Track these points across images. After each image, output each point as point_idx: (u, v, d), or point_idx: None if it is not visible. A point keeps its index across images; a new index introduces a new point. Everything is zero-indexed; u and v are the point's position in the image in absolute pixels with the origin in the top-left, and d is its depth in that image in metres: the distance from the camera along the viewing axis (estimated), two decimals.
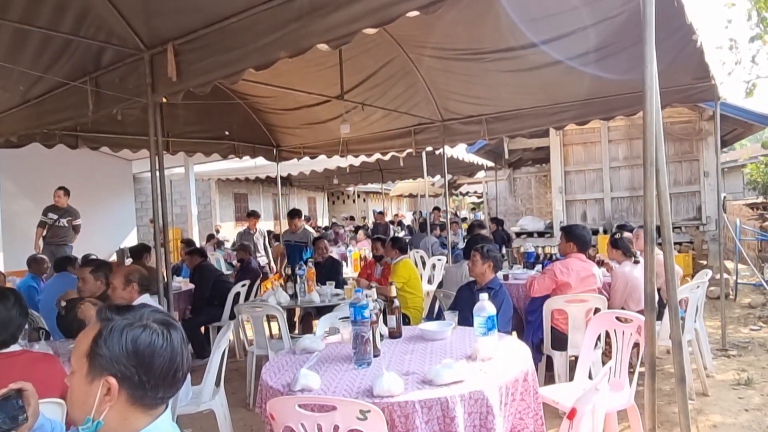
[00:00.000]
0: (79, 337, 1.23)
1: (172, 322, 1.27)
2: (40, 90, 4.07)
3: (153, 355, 1.19)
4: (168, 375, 1.21)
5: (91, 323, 1.25)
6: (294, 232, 7.55)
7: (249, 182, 15.29)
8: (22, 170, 8.66)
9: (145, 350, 1.18)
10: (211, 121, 6.66)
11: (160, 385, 1.20)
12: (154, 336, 1.20)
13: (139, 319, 1.21)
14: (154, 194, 3.60)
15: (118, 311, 1.24)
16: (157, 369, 1.19)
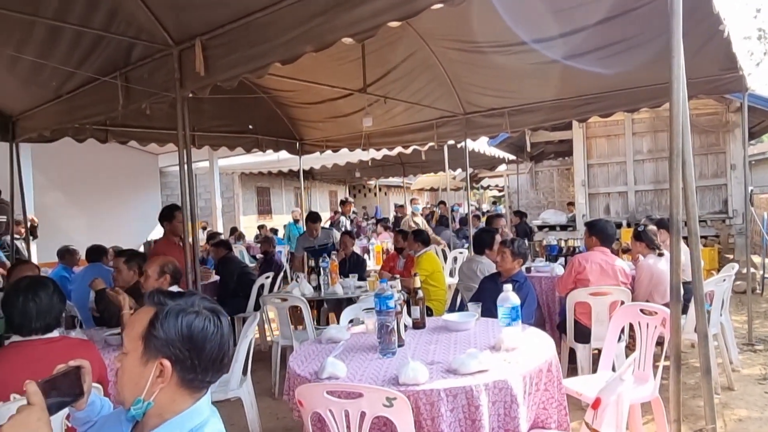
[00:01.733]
0: (132, 320, 1.27)
1: (220, 310, 1.32)
2: (73, 85, 4.19)
3: (205, 340, 1.24)
4: (216, 360, 1.26)
5: (143, 307, 1.29)
6: (315, 237, 6.73)
7: (271, 176, 15.43)
8: (53, 164, 8.88)
9: (198, 335, 1.23)
10: (235, 116, 6.74)
11: (209, 369, 1.25)
12: (206, 322, 1.25)
13: (191, 305, 1.26)
14: (182, 187, 3.69)
15: (171, 296, 1.28)
16: (207, 354, 1.24)
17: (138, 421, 1.28)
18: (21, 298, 2.26)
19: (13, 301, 2.26)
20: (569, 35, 4.27)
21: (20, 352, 2.25)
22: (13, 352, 2.26)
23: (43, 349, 2.26)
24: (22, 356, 2.23)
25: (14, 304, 2.26)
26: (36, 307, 2.26)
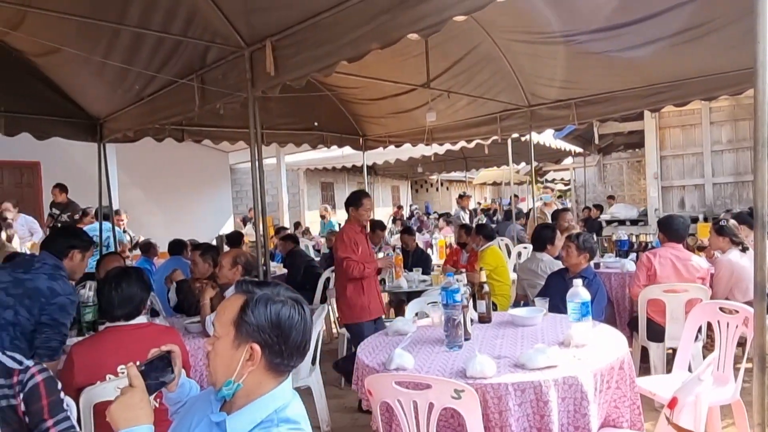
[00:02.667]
0: (223, 307, 1.36)
1: (303, 300, 1.40)
2: (153, 88, 4.45)
3: (291, 327, 1.32)
4: (300, 346, 1.35)
5: (233, 295, 1.38)
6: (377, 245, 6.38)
7: (335, 171, 15.72)
8: (134, 163, 9.47)
9: (285, 322, 1.32)
10: (301, 113, 6.92)
11: (294, 354, 1.34)
12: (292, 311, 1.34)
13: (277, 294, 1.35)
14: (254, 183, 3.84)
15: (258, 285, 1.37)
16: (293, 340, 1.33)
17: (226, 401, 1.37)
18: (107, 287, 2.46)
19: (101, 290, 2.48)
20: (641, 21, 4.10)
21: (113, 337, 2.44)
22: (107, 337, 2.46)
23: (133, 334, 2.44)
24: (115, 341, 2.42)
25: (102, 292, 2.47)
26: (118, 296, 2.44)
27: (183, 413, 1.52)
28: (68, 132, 5.56)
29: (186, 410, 1.51)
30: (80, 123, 5.59)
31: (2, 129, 5.01)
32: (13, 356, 1.95)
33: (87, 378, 2.30)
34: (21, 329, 2.68)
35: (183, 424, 1.43)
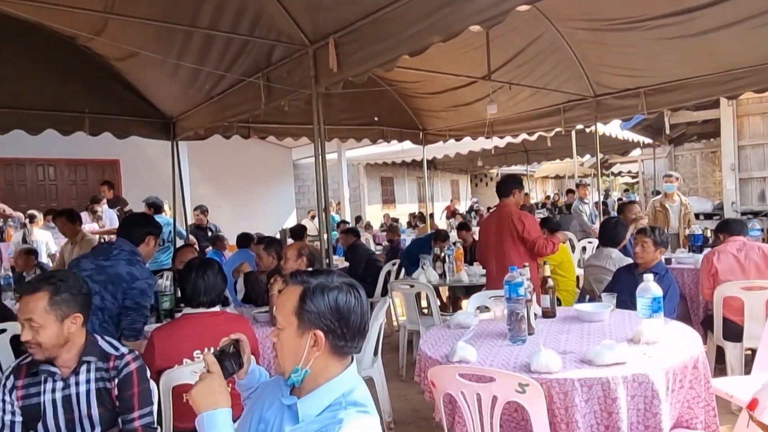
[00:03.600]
0: (282, 300, 1.42)
1: (357, 284, 1.45)
2: (222, 87, 4.64)
3: (349, 311, 1.38)
4: (360, 328, 1.40)
5: (289, 287, 1.44)
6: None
7: (395, 166, 15.79)
8: (204, 159, 9.92)
9: (343, 307, 1.37)
10: (361, 108, 7.00)
11: (355, 336, 1.39)
12: (348, 295, 1.39)
13: (331, 281, 1.40)
14: (317, 177, 3.94)
15: (311, 275, 1.42)
16: (353, 323, 1.38)
17: (295, 387, 1.43)
18: (193, 275, 2.59)
19: (187, 278, 2.61)
20: (717, 4, 3.89)
21: (190, 324, 2.58)
22: (184, 323, 2.61)
23: (208, 321, 2.58)
24: (192, 327, 2.56)
25: (188, 280, 2.60)
26: (204, 283, 2.58)
27: (255, 398, 1.59)
28: (145, 131, 5.92)
29: (258, 395, 1.58)
30: (155, 122, 5.93)
31: (87, 129, 5.38)
32: (111, 342, 2.11)
33: (166, 361, 2.45)
34: (108, 313, 2.90)
35: (256, 408, 1.50)
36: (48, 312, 1.92)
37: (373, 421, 1.34)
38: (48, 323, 1.92)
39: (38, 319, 1.90)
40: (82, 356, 2.02)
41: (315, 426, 1.31)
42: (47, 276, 2.02)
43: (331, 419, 1.30)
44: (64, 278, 2.02)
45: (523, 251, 4.06)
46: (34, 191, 9.96)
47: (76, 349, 2.02)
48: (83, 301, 2.04)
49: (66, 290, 1.98)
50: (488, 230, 4.34)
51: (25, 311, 1.91)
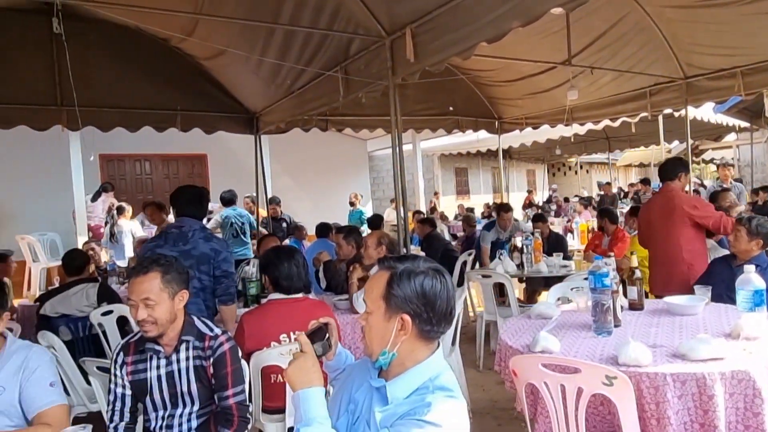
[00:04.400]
0: (370, 285, 1.46)
1: (443, 269, 1.46)
2: (302, 82, 4.80)
3: (436, 296, 1.39)
4: (446, 313, 1.41)
5: (377, 272, 1.48)
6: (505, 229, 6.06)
7: (469, 156, 15.61)
8: (283, 152, 10.30)
9: (430, 292, 1.39)
10: (436, 98, 6.98)
11: (442, 321, 1.41)
12: (434, 280, 1.40)
13: (417, 266, 1.42)
14: (394, 168, 3.98)
15: (398, 260, 1.45)
16: (439, 308, 1.39)
17: (382, 370, 1.47)
18: (286, 263, 2.72)
19: (277, 265, 2.73)
20: None
21: (277, 309, 2.71)
22: (271, 308, 2.74)
23: (293, 307, 2.69)
24: (278, 312, 2.68)
25: (279, 267, 2.72)
26: (297, 271, 2.71)
27: (343, 379, 1.64)
28: (230, 126, 6.24)
29: (346, 376, 1.64)
30: (240, 117, 6.24)
31: (179, 125, 5.75)
32: (206, 323, 2.26)
33: (255, 344, 2.58)
34: (208, 291, 3.11)
35: (345, 388, 1.56)
36: (162, 290, 2.08)
37: (460, 406, 1.36)
38: (162, 300, 2.08)
39: (154, 297, 2.06)
40: (181, 336, 2.17)
41: (403, 408, 1.34)
42: (155, 258, 2.18)
43: (420, 402, 1.33)
44: (169, 259, 2.18)
45: (692, 235, 3.89)
46: (133, 185, 10.79)
47: (178, 327, 2.17)
48: (186, 280, 2.20)
49: (174, 270, 2.14)
50: (651, 214, 4.19)
51: (141, 291, 2.07)
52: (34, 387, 1.90)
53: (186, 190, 3.36)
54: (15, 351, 1.93)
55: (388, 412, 1.36)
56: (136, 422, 2.21)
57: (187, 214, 3.23)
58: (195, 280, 3.02)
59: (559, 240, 6.14)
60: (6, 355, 1.89)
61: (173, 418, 2.16)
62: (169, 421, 2.16)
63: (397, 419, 1.32)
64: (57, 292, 3.79)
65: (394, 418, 1.33)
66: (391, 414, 1.35)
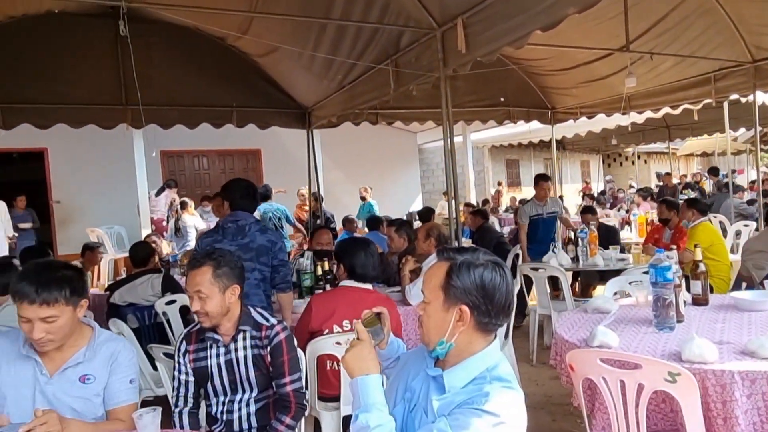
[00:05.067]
0: (429, 275, 1.47)
1: (502, 262, 1.46)
2: (353, 76, 4.84)
3: (495, 288, 1.39)
4: (504, 306, 1.41)
5: (435, 262, 1.48)
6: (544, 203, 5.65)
7: (520, 148, 15.32)
8: (334, 146, 10.43)
9: (489, 284, 1.39)
10: (487, 89, 6.90)
11: (500, 314, 1.41)
12: (493, 273, 1.40)
13: (477, 258, 1.42)
14: (446, 160, 3.98)
15: (458, 251, 1.46)
16: (497, 300, 1.39)
17: (439, 359, 1.48)
18: (362, 252, 2.82)
19: (353, 253, 2.83)
20: None
21: (345, 295, 2.82)
22: (340, 293, 2.86)
23: (362, 296, 2.79)
24: (346, 298, 2.79)
25: (355, 255, 2.82)
26: (372, 261, 2.83)
27: (399, 367, 1.66)
28: (283, 121, 6.39)
29: (402, 365, 1.65)
30: (293, 113, 6.38)
31: (234, 121, 5.94)
32: (261, 313, 2.33)
33: (319, 324, 2.69)
34: (269, 281, 3.21)
35: (401, 377, 1.58)
36: (213, 283, 2.15)
37: (518, 397, 1.36)
38: (213, 294, 2.15)
39: (205, 290, 2.14)
40: (239, 325, 2.24)
41: (461, 397, 1.35)
42: (209, 253, 2.26)
43: (477, 392, 1.34)
44: (222, 254, 2.25)
45: None
46: (191, 180, 11.22)
47: (234, 318, 2.25)
48: (239, 275, 2.26)
49: (225, 264, 2.20)
50: None
51: (194, 284, 2.16)
52: (118, 382, 1.98)
53: (239, 183, 3.42)
54: (103, 342, 2.00)
55: (445, 400, 1.38)
56: (198, 407, 2.31)
57: (241, 207, 3.30)
58: (255, 272, 3.12)
59: (611, 232, 5.95)
60: (96, 345, 1.97)
61: (233, 403, 2.25)
62: (230, 406, 2.25)
63: (454, 408, 1.33)
64: (125, 282, 3.99)
65: (452, 407, 1.34)
66: (448, 402, 1.36)
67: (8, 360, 1.89)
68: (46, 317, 1.78)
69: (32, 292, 1.75)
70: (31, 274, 1.80)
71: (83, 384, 1.91)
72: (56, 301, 1.78)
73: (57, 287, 1.79)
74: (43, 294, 1.76)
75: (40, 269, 1.84)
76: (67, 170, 9.98)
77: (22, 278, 1.80)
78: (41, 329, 1.79)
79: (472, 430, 1.26)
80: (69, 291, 1.82)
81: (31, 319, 1.78)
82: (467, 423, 1.27)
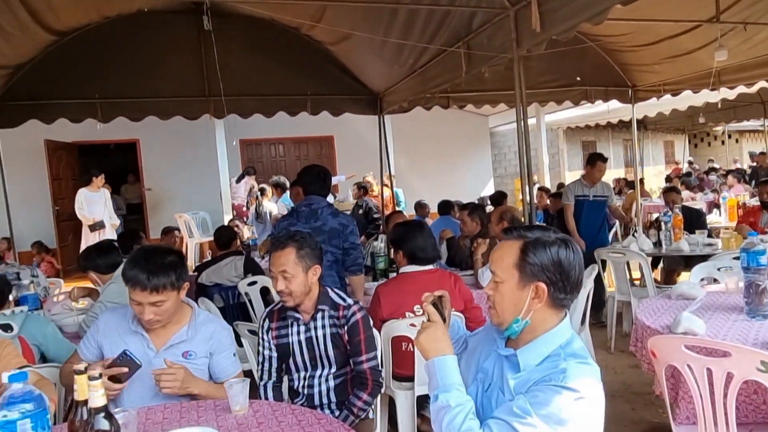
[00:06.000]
0: (500, 255, 1.47)
1: (571, 239, 1.47)
2: (424, 60, 4.84)
3: (570, 264, 1.41)
4: (578, 282, 1.43)
5: (505, 241, 1.49)
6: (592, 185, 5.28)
7: (598, 129, 14.66)
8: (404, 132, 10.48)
9: (565, 260, 1.40)
10: (562, 69, 6.64)
11: (574, 289, 1.42)
12: (567, 250, 1.42)
13: (549, 236, 1.43)
14: (519, 143, 3.90)
15: (527, 229, 1.47)
16: (573, 277, 1.41)
17: (510, 339, 1.49)
18: (418, 234, 2.87)
19: (409, 238, 2.88)
20: None
21: (410, 280, 2.85)
22: (405, 280, 2.90)
23: (427, 278, 2.82)
24: (412, 283, 2.82)
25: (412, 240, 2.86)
26: (431, 242, 2.88)
27: (469, 351, 1.67)
28: (355, 107, 6.49)
29: (472, 348, 1.67)
30: (364, 99, 6.47)
31: (309, 109, 6.11)
32: (339, 294, 2.43)
33: (390, 312, 2.74)
34: (341, 263, 3.31)
35: (472, 360, 1.59)
36: (296, 263, 2.26)
37: (595, 372, 1.36)
38: (297, 273, 2.26)
39: (290, 270, 2.25)
40: (318, 305, 2.34)
41: (537, 375, 1.36)
42: (291, 235, 2.37)
43: (553, 369, 1.34)
44: (304, 236, 2.37)
45: None
46: (269, 167, 11.63)
47: (314, 298, 2.35)
48: (319, 255, 2.37)
49: (307, 246, 2.31)
50: None
51: (279, 264, 2.27)
52: (223, 359, 2.16)
53: (311, 169, 3.57)
54: (203, 323, 2.16)
55: (521, 378, 1.39)
56: (281, 381, 2.44)
57: (314, 192, 3.42)
58: (328, 254, 3.23)
59: (697, 216, 5.61)
60: (197, 324, 2.14)
61: (314, 378, 2.36)
62: (310, 381, 2.36)
63: (531, 386, 1.34)
64: (211, 263, 4.26)
65: (529, 384, 1.35)
66: (524, 380, 1.38)
67: (119, 334, 2.10)
68: (155, 302, 1.96)
69: (144, 280, 1.92)
70: (141, 261, 1.96)
71: (185, 359, 2.08)
72: (164, 287, 1.95)
73: (165, 274, 1.95)
74: (153, 281, 1.93)
75: (149, 255, 2.00)
76: (156, 160, 10.71)
77: (133, 265, 1.96)
78: (150, 312, 1.97)
79: (553, 406, 1.27)
80: (175, 277, 1.98)
81: (142, 302, 1.96)
82: (547, 400, 1.28)
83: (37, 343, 2.56)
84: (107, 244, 3.39)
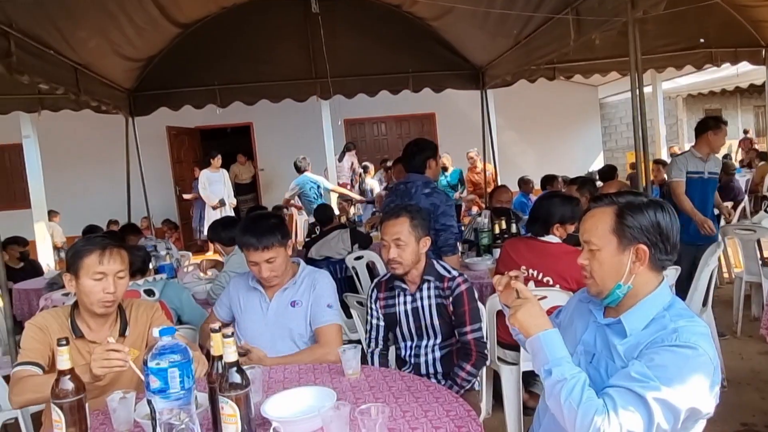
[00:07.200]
0: (593, 223, 1.43)
1: (664, 202, 1.45)
2: (529, 30, 4.65)
3: (668, 224, 1.39)
4: (676, 243, 1.41)
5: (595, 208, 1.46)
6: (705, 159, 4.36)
7: (723, 95, 13.32)
8: (508, 106, 10.17)
9: (662, 221, 1.39)
10: (683, 31, 6.10)
11: (672, 250, 1.41)
12: (663, 212, 1.40)
13: (641, 200, 1.42)
14: (634, 113, 3.69)
15: (616, 195, 1.46)
16: (671, 237, 1.40)
17: (607, 308, 1.48)
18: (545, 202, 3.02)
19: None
20: None
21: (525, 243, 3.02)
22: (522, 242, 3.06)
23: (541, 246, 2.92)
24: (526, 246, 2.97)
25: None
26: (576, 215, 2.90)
27: (565, 326, 1.62)
28: (457, 83, 6.44)
29: (566, 324, 1.63)
30: (466, 74, 6.39)
31: (411, 87, 6.16)
32: (444, 266, 2.48)
33: (504, 268, 2.83)
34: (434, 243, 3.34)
35: (568, 335, 1.54)
36: (410, 233, 2.35)
37: (706, 329, 1.34)
38: (410, 242, 2.35)
39: (404, 239, 2.34)
40: (424, 276, 2.41)
41: (645, 338, 1.35)
42: (405, 206, 2.49)
43: (662, 330, 1.33)
44: (416, 208, 2.49)
45: None
46: (372, 145, 11.94)
47: (421, 268, 2.42)
48: (428, 227, 2.47)
49: (419, 217, 2.41)
50: None
51: (393, 233, 2.36)
52: (316, 305, 2.33)
53: (408, 147, 3.52)
54: (307, 274, 2.41)
55: (629, 344, 1.38)
56: (388, 349, 2.56)
57: (412, 169, 3.41)
58: None
59: None
60: (302, 277, 2.39)
61: (420, 348, 2.44)
62: (416, 351, 2.45)
63: (643, 349, 1.33)
64: (319, 238, 4.49)
65: (639, 348, 1.34)
66: (633, 345, 1.37)
67: (242, 293, 2.43)
68: (268, 258, 2.23)
69: (255, 242, 2.21)
70: (251, 227, 2.27)
71: (293, 308, 2.33)
72: (272, 244, 2.22)
73: (270, 234, 2.22)
74: (263, 241, 2.21)
75: (255, 220, 2.31)
76: (268, 141, 11.36)
77: (245, 231, 2.26)
78: (266, 269, 2.25)
79: (673, 367, 1.26)
80: (280, 235, 2.26)
81: (258, 262, 2.24)
82: (665, 361, 1.27)
83: (174, 307, 2.89)
84: (230, 220, 3.74)
